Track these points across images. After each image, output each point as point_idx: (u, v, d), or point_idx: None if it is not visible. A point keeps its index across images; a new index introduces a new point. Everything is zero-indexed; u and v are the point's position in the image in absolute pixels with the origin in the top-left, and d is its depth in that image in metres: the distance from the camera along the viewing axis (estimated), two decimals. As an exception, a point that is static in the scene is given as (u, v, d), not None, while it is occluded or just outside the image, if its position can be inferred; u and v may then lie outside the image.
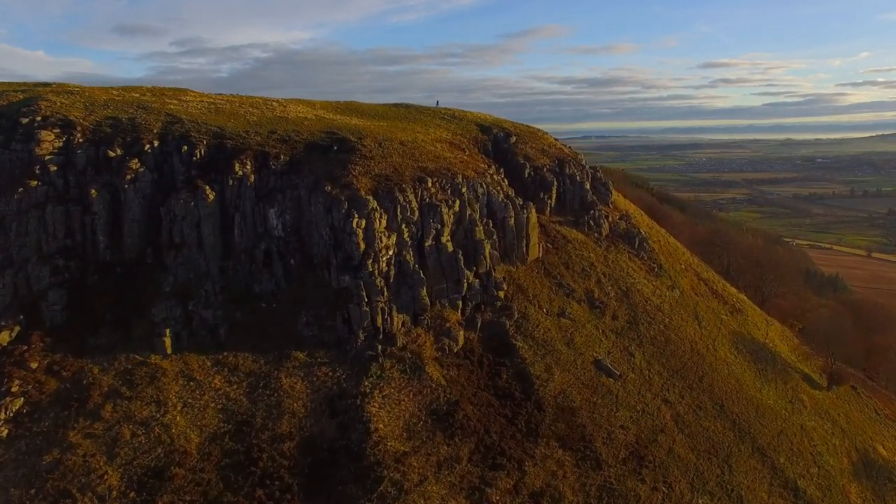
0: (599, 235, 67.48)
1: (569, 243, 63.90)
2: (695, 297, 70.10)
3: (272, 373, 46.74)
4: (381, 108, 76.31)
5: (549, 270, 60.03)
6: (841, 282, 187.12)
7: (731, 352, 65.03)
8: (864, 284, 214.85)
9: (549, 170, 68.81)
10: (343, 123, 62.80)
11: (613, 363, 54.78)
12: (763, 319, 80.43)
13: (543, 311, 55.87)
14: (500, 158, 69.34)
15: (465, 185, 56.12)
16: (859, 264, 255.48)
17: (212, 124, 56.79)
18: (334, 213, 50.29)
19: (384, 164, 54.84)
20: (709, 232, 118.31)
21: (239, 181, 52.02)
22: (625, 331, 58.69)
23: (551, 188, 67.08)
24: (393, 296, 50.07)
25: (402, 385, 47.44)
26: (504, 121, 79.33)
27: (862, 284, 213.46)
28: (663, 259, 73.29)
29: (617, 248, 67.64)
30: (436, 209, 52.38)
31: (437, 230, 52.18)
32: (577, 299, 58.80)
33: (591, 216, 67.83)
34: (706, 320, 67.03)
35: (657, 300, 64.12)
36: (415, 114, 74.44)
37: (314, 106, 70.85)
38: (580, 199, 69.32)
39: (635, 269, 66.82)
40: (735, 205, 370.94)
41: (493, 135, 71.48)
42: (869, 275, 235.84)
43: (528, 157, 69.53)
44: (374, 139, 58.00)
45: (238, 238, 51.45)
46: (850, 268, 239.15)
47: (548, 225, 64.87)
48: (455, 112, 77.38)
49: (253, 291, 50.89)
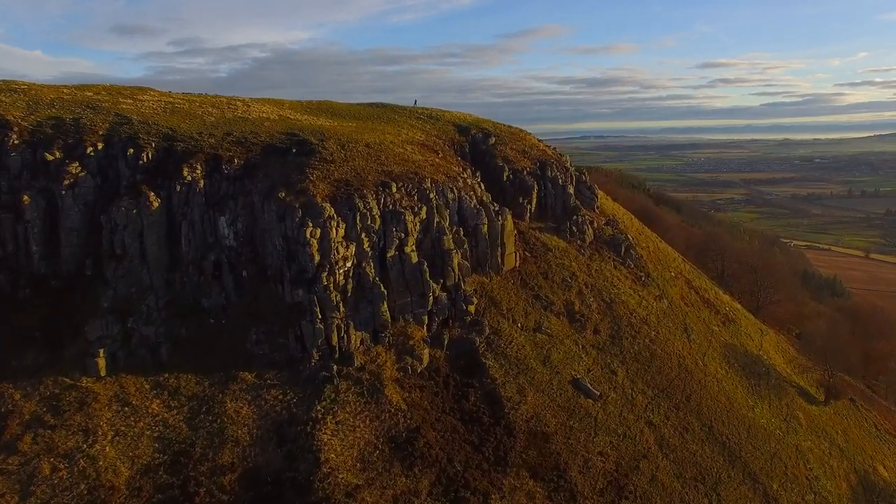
0: (583, 242, 62.70)
1: (549, 251, 59.13)
2: (684, 308, 65.29)
3: (216, 396, 42.11)
4: (355, 107, 71.70)
5: (526, 281, 55.30)
6: (839, 284, 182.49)
7: (722, 366, 60.22)
8: (862, 286, 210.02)
9: (529, 173, 64.03)
10: (308, 124, 58.19)
11: (593, 382, 50.03)
12: (757, 329, 75.57)
13: (518, 326, 51.15)
14: (477, 161, 64.65)
15: (434, 190, 51.44)
16: (857, 265, 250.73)
17: (163, 125, 52.19)
18: (287, 222, 45.66)
19: (346, 167, 50.18)
20: (704, 235, 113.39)
21: (187, 187, 47.41)
22: (607, 346, 53.94)
23: (531, 192, 62.29)
24: (351, 311, 45.42)
25: (358, 409, 42.78)
26: (485, 121, 74.60)
27: (860, 286, 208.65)
28: (651, 267, 68.49)
29: (601, 256, 62.84)
30: (399, 217, 47.69)
31: (401, 239, 47.51)
32: (556, 312, 54.03)
33: (574, 222, 63.04)
34: (696, 332, 62.22)
35: (643, 312, 59.32)
36: (389, 114, 69.75)
37: (282, 106, 66.25)
38: (562, 203, 64.51)
39: (620, 278, 62.04)
40: (733, 205, 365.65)
41: (471, 136, 66.75)
42: (867, 276, 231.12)
43: (508, 160, 64.74)
44: (338, 141, 53.35)
45: (185, 248, 46.85)
46: (849, 269, 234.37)
47: (527, 232, 60.12)
48: (433, 112, 72.65)
49: (201, 306, 46.31)
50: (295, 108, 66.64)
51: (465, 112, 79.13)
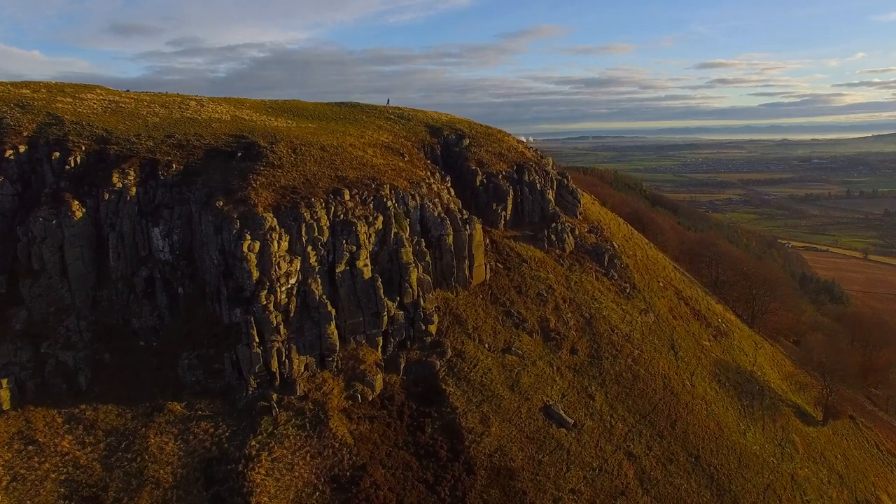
0: (562, 252, 57.29)
1: (524, 263, 53.76)
2: (672, 321, 59.83)
3: (139, 430, 36.85)
4: (323, 107, 66.44)
5: (496, 296, 49.95)
6: (837, 288, 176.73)
7: (712, 386, 54.79)
8: (861, 289, 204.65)
9: (505, 177, 58.64)
10: (262, 126, 52.95)
11: (567, 409, 44.70)
12: (751, 342, 70.07)
13: (485, 347, 45.81)
14: (449, 164, 59.30)
15: (393, 197, 46.13)
16: (856, 267, 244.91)
17: (99, 127, 46.99)
18: (224, 234, 40.38)
19: (294, 173, 44.90)
20: (697, 239, 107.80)
21: (117, 194, 42.18)
22: (584, 367, 48.56)
23: (506, 198, 56.90)
24: (294, 333, 40.14)
25: (298, 445, 37.48)
26: (461, 120, 69.23)
27: (859, 289, 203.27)
28: (638, 277, 63.06)
29: (582, 267, 57.43)
30: (351, 227, 42.37)
31: (352, 253, 42.20)
32: (529, 330, 48.67)
33: (553, 230, 57.62)
34: (684, 349, 56.79)
35: (626, 328, 53.92)
36: (357, 114, 64.47)
37: (242, 106, 60.97)
38: (541, 209, 59.08)
39: (603, 290, 56.62)
40: (731, 206, 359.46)
41: (444, 137, 61.38)
42: (866, 278, 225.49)
43: (482, 163, 59.37)
44: (290, 144, 48.06)
45: (114, 263, 41.63)
46: (847, 271, 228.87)
47: (500, 241, 54.78)
48: (405, 111, 67.34)
49: (130, 327, 41.11)
50: (256, 107, 61.40)
51: (446, 112, 73.94)
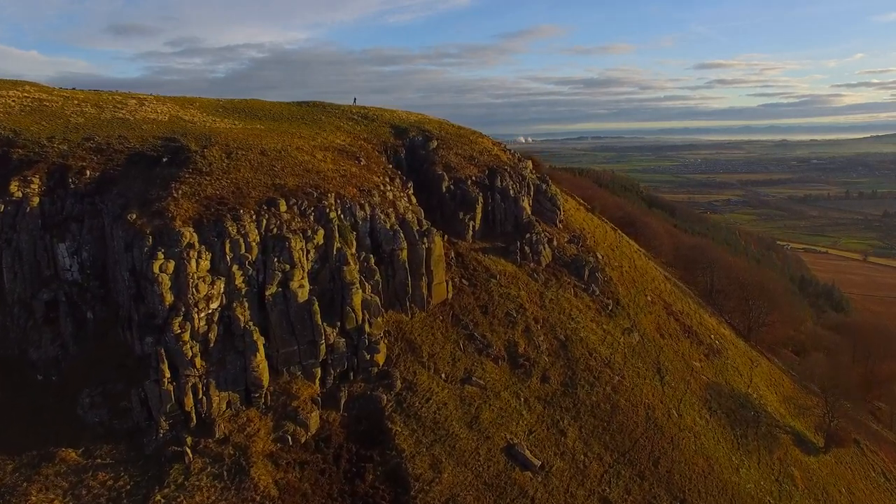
0: (537, 265, 51.26)
1: (492, 278, 47.76)
2: (659, 341, 53.78)
3: (19, 485, 30.91)
4: (281, 106, 60.48)
5: (458, 317, 43.94)
6: (837, 291, 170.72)
7: (702, 415, 48.74)
8: (861, 291, 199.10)
9: (475, 182, 52.61)
10: (201, 127, 47.09)
11: (535, 448, 38.69)
12: (747, 359, 63.97)
13: (441, 378, 39.80)
14: (414, 169, 53.32)
15: (339, 207, 40.19)
16: (856, 270, 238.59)
17: (6, 127, 41.18)
18: (135, 252, 34.49)
19: (225, 181, 38.96)
20: (692, 244, 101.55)
21: (15, 205, 36.39)
22: (557, 398, 42.53)
23: (475, 206, 50.87)
24: (214, 366, 34.21)
25: (213, 498, 31.53)
26: (431, 120, 63.18)
27: (859, 291, 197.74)
28: (622, 291, 57.00)
29: (559, 282, 51.38)
30: (284, 243, 36.44)
31: (285, 272, 36.23)
32: (494, 356, 42.66)
33: (528, 241, 51.58)
34: (672, 372, 50.74)
35: (606, 351, 47.88)
36: (317, 114, 58.51)
37: (190, 105, 55.04)
38: (514, 218, 53.05)
39: (582, 308, 50.57)
40: (730, 206, 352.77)
41: (409, 139, 55.36)
42: (866, 281, 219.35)
43: (450, 167, 53.34)
44: (225, 148, 42.13)
45: (9, 285, 35.83)
46: (847, 273, 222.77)
47: (467, 254, 48.78)
48: (370, 111, 61.36)
49: (28, 359, 35.31)
50: (206, 108, 55.47)
51: (421, 113, 67.94)
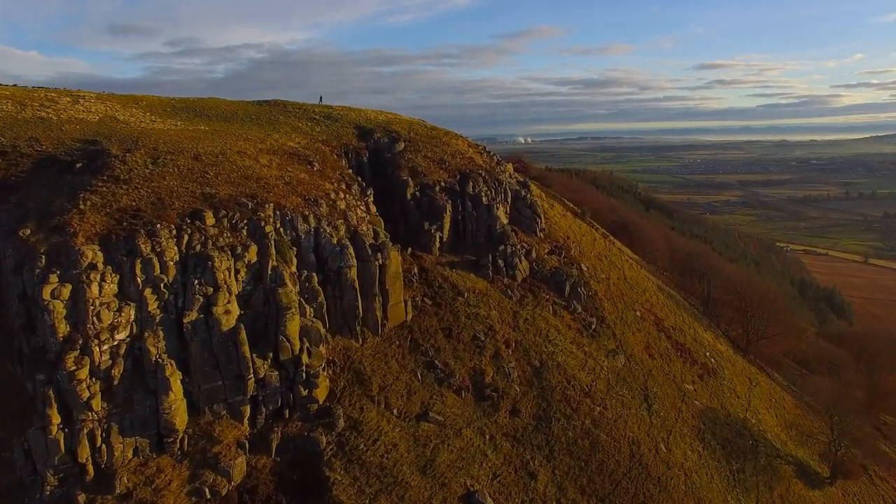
0: (512, 281, 45.81)
1: (459, 296, 42.31)
2: (648, 363, 48.29)
3: None
4: (238, 106, 54.95)
5: (418, 343, 38.50)
6: (838, 295, 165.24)
7: (694, 447, 43.28)
8: (862, 294, 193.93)
9: (444, 188, 47.15)
10: (134, 128, 41.74)
11: (500, 495, 33.26)
12: (745, 378, 58.45)
13: (393, 414, 34.38)
14: (378, 173, 47.98)
15: (278, 219, 34.81)
16: (856, 272, 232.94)
17: None
18: (26, 274, 29.21)
19: (144, 190, 33.56)
20: (688, 250, 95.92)
21: None
22: (528, 435, 37.08)
23: (442, 215, 45.44)
24: (119, 407, 28.82)
25: (107, 572, 26.33)
26: (402, 120, 57.67)
27: (860, 294, 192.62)
28: (608, 307, 51.50)
29: (536, 299, 45.90)
30: (207, 262, 31.08)
31: (208, 296, 30.85)
32: (457, 387, 37.22)
33: (502, 253, 46.15)
34: (661, 399, 45.27)
35: (587, 377, 42.41)
36: (275, 113, 53.08)
37: (136, 104, 49.59)
38: (487, 228, 47.61)
39: (561, 328, 45.08)
40: (729, 207, 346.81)
41: (373, 141, 49.98)
42: (867, 283, 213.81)
43: (417, 172, 47.91)
44: (152, 151, 36.73)
45: None
46: (847, 276, 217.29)
47: (432, 269, 43.33)
48: (335, 111, 55.90)
49: None
50: (152, 106, 50.06)
51: (394, 112, 62.53)
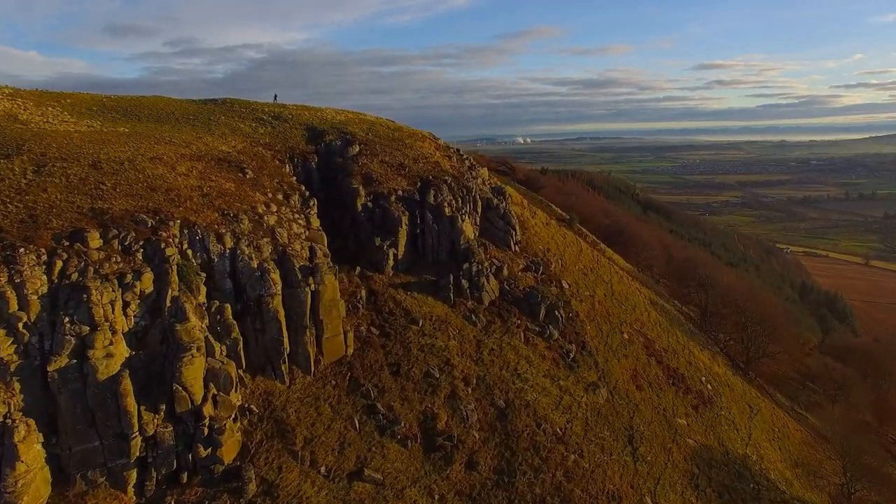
0: (477, 304, 39.47)
1: (413, 325, 36.00)
2: (634, 395, 41.95)
3: None
4: (178, 105, 48.42)
5: (358, 382, 32.24)
6: (840, 300, 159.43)
7: (686, 497, 36.96)
8: (863, 298, 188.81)
9: (401, 198, 40.81)
10: (30, 131, 35.47)
11: (448, 575, 27.10)
12: (745, 405, 52.08)
13: (320, 473, 28.07)
14: (328, 181, 41.75)
15: (185, 240, 28.60)
16: (857, 274, 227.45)
17: None
18: None
19: (15, 204, 27.19)
20: (686, 258, 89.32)
21: None
22: (486, 493, 30.80)
23: (397, 229, 39.14)
24: (-42, 482, 22.78)
25: None
26: (364, 119, 51.28)
27: (861, 298, 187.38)
28: (591, 330, 45.17)
29: (505, 325, 39.55)
30: (82, 295, 24.90)
31: (83, 336, 24.66)
32: (402, 436, 30.94)
33: (466, 272, 39.82)
34: (648, 440, 38.93)
35: (561, 418, 36.09)
36: (217, 114, 46.71)
37: (57, 102, 43.17)
38: (450, 243, 41.27)
39: (533, 359, 38.74)
40: (728, 208, 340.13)
41: (324, 143, 43.73)
42: (868, 286, 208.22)
43: (371, 179, 41.59)
44: (37, 159, 30.48)
45: None
46: (848, 278, 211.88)
47: (383, 293, 37.03)
48: (287, 110, 49.59)
49: None
50: (74, 106, 43.68)
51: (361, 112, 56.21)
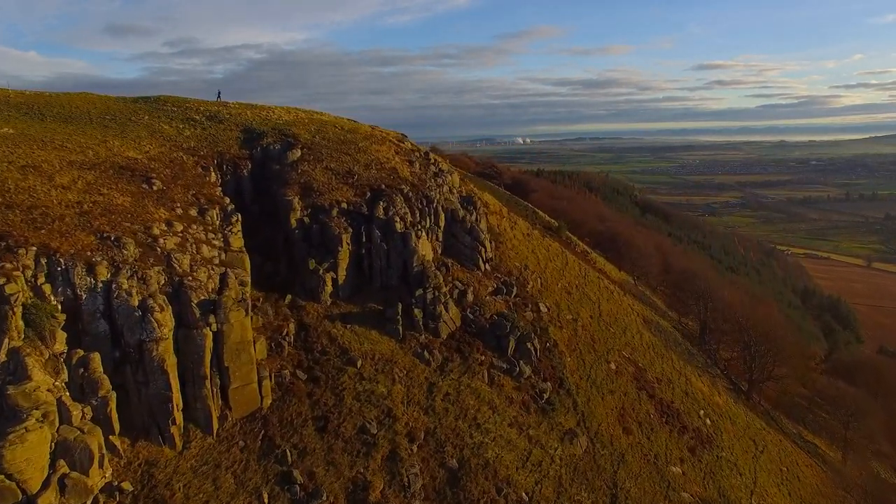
0: (432, 338, 32.74)
1: (349, 367, 29.38)
2: (620, 442, 35.20)
3: None
4: (97, 102, 41.51)
5: (273, 443, 25.60)
6: (844, 305, 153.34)
7: (681, 572, 30.44)
8: (866, 302, 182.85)
9: (344, 211, 34.10)
10: None
11: None
12: (749, 441, 45.43)
13: (205, 577, 21.67)
14: (263, 191, 35.15)
15: (42, 272, 22.05)
16: (859, 277, 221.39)
17: None
18: None
19: None
20: (683, 269, 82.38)
21: None
22: (428, 589, 24.34)
23: (337, 248, 32.50)
24: None
25: None
26: (315, 119, 44.46)
27: (864, 302, 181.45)
28: (571, 362, 38.46)
29: (466, 363, 32.85)
30: None
31: None
32: (323, 516, 24.43)
33: (420, 300, 33.05)
34: (636, 497, 32.13)
35: (529, 479, 29.43)
36: (140, 114, 39.95)
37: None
38: (402, 265, 34.56)
39: (498, 405, 32.02)
40: (728, 209, 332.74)
41: (261, 148, 37.12)
42: (871, 289, 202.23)
43: (311, 189, 34.90)
44: None
45: None
46: (850, 281, 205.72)
47: (317, 326, 30.37)
48: (226, 109, 42.79)
49: None
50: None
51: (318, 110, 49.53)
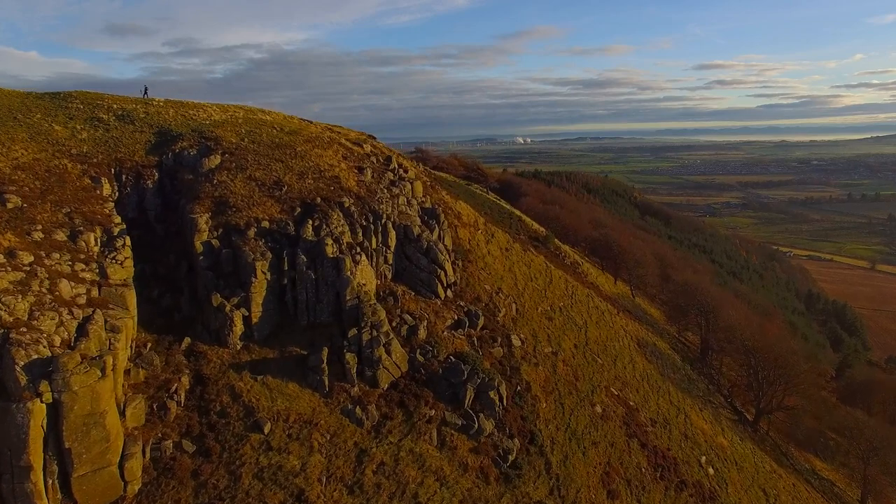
0: (368, 390, 25.99)
1: (253, 433, 22.69)
2: (604, 510, 28.64)
3: None
4: (5, 99, 35.52)
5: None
6: (850, 310, 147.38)
7: None
8: (871, 306, 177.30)
9: (264, 231, 27.39)
10: None
11: None
12: (758, 490, 38.64)
13: None
14: (171, 205, 28.56)
15: None
16: (863, 280, 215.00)
17: None
18: None
19: None
20: (682, 283, 75.27)
21: None
22: None
23: (250, 279, 25.86)
24: None
25: None
26: (253, 120, 37.69)
27: (869, 306, 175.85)
28: (547, 410, 31.69)
29: (409, 421, 26.07)
30: None
31: None
32: None
33: (353, 342, 26.39)
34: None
35: (483, 577, 22.90)
36: (34, 110, 32.75)
37: None
38: (334, 298, 27.78)
39: (449, 475, 25.30)
40: (729, 210, 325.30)
41: (173, 153, 30.51)
42: (875, 293, 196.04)
43: (226, 204, 28.24)
44: None
45: None
46: (855, 285, 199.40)
47: (219, 379, 23.75)
48: (144, 107, 36.29)
49: None
50: None
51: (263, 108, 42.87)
